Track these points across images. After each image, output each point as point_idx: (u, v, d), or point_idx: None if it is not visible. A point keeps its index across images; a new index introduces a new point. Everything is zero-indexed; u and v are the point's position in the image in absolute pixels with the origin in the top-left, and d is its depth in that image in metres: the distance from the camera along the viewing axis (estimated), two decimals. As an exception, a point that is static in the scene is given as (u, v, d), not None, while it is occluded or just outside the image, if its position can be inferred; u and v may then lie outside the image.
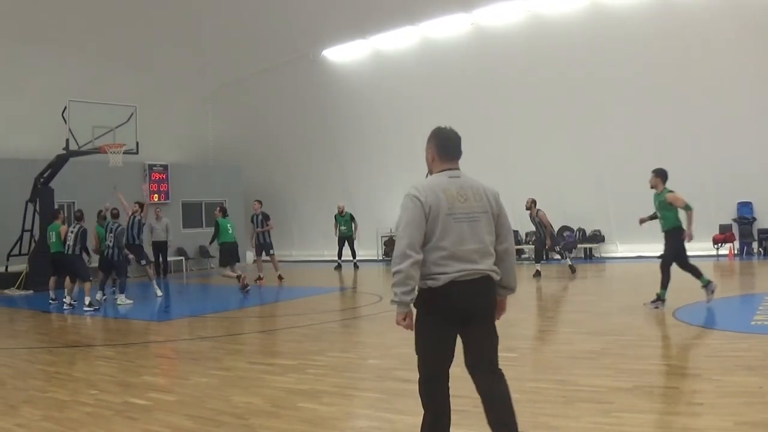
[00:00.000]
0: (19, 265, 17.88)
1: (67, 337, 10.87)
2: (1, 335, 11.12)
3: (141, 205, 16.42)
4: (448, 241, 3.83)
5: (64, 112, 17.23)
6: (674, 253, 9.93)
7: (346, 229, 21.91)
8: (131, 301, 14.06)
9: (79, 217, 14.13)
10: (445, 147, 4.08)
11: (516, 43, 19.94)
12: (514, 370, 3.41)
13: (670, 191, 9.98)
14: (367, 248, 24.50)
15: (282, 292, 15.98)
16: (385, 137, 23.62)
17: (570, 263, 16.62)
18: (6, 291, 17.36)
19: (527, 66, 19.66)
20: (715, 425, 4.67)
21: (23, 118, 20.56)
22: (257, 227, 17.81)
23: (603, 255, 20.88)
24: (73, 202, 19.62)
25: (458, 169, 4.08)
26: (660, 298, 9.89)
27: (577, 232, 21.00)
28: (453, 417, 5.32)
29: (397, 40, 22.42)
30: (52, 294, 14.48)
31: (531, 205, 16.61)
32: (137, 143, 18.11)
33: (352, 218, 21.99)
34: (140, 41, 22.26)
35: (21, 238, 17.97)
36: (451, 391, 6.10)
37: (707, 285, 9.81)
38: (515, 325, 8.95)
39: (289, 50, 23.66)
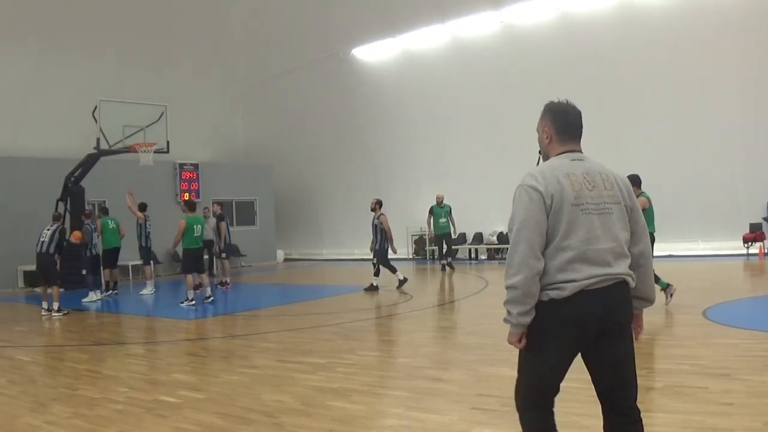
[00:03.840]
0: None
1: (97, 334, 10.94)
2: (31, 333, 11.24)
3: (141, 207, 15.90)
4: (575, 239, 3.10)
5: (94, 111, 17.38)
6: None
7: (445, 222, 18.77)
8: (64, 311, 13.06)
9: (57, 217, 13.87)
10: (565, 123, 3.40)
11: (546, 41, 19.83)
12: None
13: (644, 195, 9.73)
14: (398, 247, 24.32)
15: (312, 291, 15.98)
16: (416, 135, 23.57)
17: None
18: (36, 289, 17.52)
19: (557, 64, 19.45)
20: (745, 425, 4.56)
21: (54, 118, 20.78)
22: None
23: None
24: (104, 201, 19.79)
25: (581, 151, 3.40)
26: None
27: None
28: (480, 416, 5.24)
29: (426, 39, 22.36)
30: (190, 294, 13.37)
31: (375, 206, 15.02)
32: (168, 142, 18.20)
33: (450, 211, 18.88)
34: (171, 40, 22.42)
35: (52, 236, 18.13)
36: (473, 390, 6.05)
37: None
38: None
39: (318, 49, 23.72)
